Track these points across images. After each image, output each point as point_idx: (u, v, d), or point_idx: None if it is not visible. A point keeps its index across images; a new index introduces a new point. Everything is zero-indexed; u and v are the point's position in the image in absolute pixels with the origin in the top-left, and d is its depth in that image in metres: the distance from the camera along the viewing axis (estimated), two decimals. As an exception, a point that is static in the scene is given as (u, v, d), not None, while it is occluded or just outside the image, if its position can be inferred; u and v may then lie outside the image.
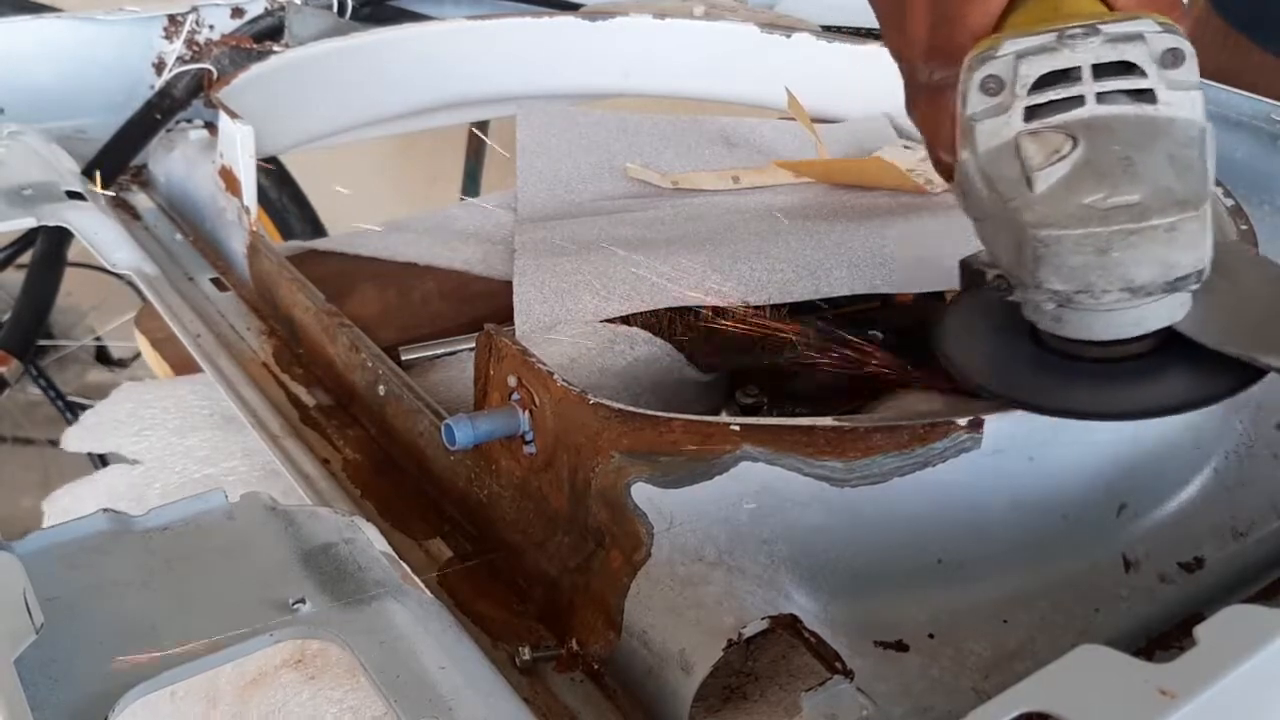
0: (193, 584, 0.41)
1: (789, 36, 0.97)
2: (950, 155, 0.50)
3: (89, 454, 0.74)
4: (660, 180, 0.86)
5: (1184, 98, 0.46)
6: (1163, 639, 0.48)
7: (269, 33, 0.94)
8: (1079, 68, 0.46)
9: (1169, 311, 0.46)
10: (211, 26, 0.93)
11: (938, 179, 0.81)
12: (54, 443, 1.62)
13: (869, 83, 0.95)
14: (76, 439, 0.69)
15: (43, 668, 0.36)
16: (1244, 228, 0.62)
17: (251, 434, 0.60)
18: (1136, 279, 0.44)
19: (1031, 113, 0.46)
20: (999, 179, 0.46)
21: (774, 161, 0.87)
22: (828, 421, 0.47)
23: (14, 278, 0.85)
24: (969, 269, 0.55)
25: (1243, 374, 0.46)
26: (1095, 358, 0.47)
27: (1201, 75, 0.47)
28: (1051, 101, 0.46)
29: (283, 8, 0.95)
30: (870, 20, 0.62)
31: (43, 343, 1.43)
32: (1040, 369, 0.48)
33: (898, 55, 0.54)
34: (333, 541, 0.44)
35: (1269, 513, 0.54)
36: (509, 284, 0.68)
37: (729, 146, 0.93)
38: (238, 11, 0.95)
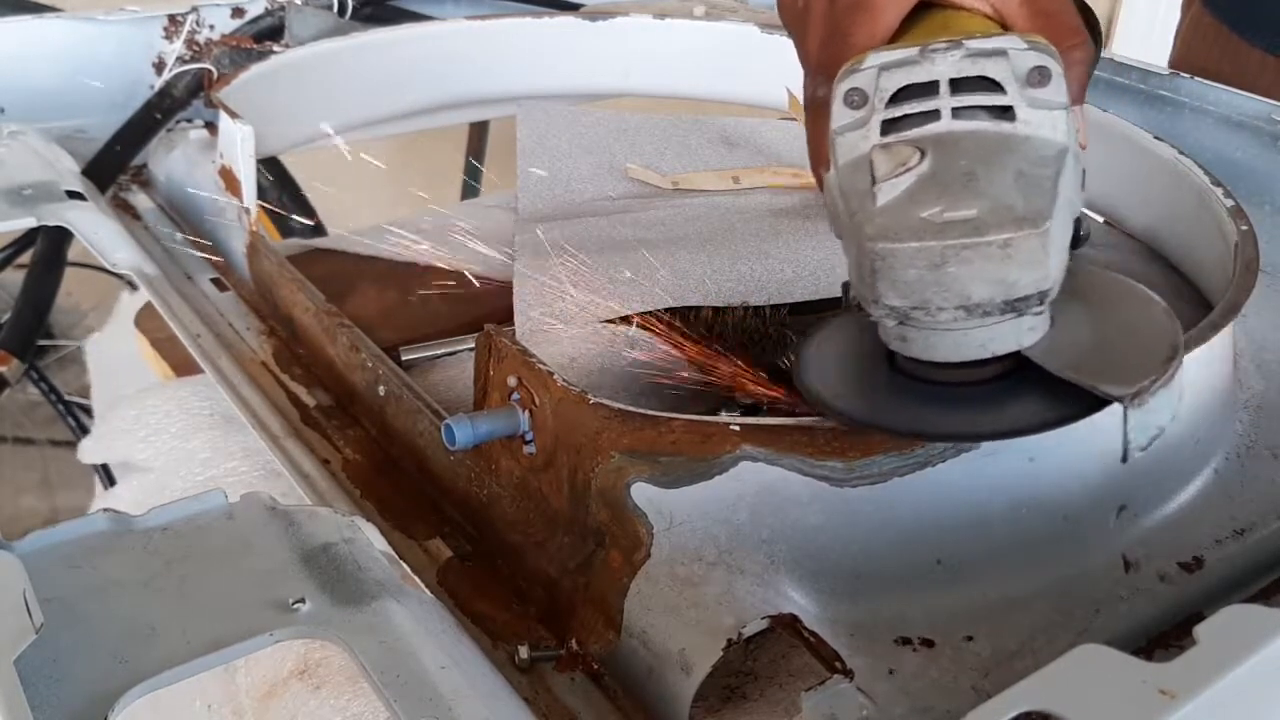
0: (193, 584, 0.41)
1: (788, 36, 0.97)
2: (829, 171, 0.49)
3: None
4: (660, 181, 0.86)
5: (1045, 116, 0.44)
6: (1162, 639, 0.48)
7: (269, 33, 0.94)
8: (937, 82, 0.45)
9: (1016, 336, 0.44)
10: (211, 26, 0.93)
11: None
12: (54, 443, 1.62)
13: (869, 83, 0.95)
14: (90, 451, 0.69)
15: (42, 667, 0.36)
16: (1244, 228, 0.62)
17: (252, 434, 0.60)
18: (973, 296, 0.42)
19: (888, 126, 0.45)
20: (850, 193, 0.44)
21: (771, 170, 0.87)
22: (828, 422, 0.47)
23: (14, 278, 0.85)
24: (847, 290, 0.51)
25: (1086, 402, 0.43)
26: (944, 380, 0.45)
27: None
28: (908, 115, 0.45)
29: (283, 8, 0.95)
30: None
31: (43, 343, 1.43)
32: (888, 390, 0.47)
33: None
34: (333, 541, 0.44)
35: (1269, 513, 0.54)
36: (509, 284, 0.68)
37: (729, 147, 0.93)
38: (238, 11, 0.95)
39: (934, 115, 0.44)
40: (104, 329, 0.83)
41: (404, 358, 0.64)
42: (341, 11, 0.98)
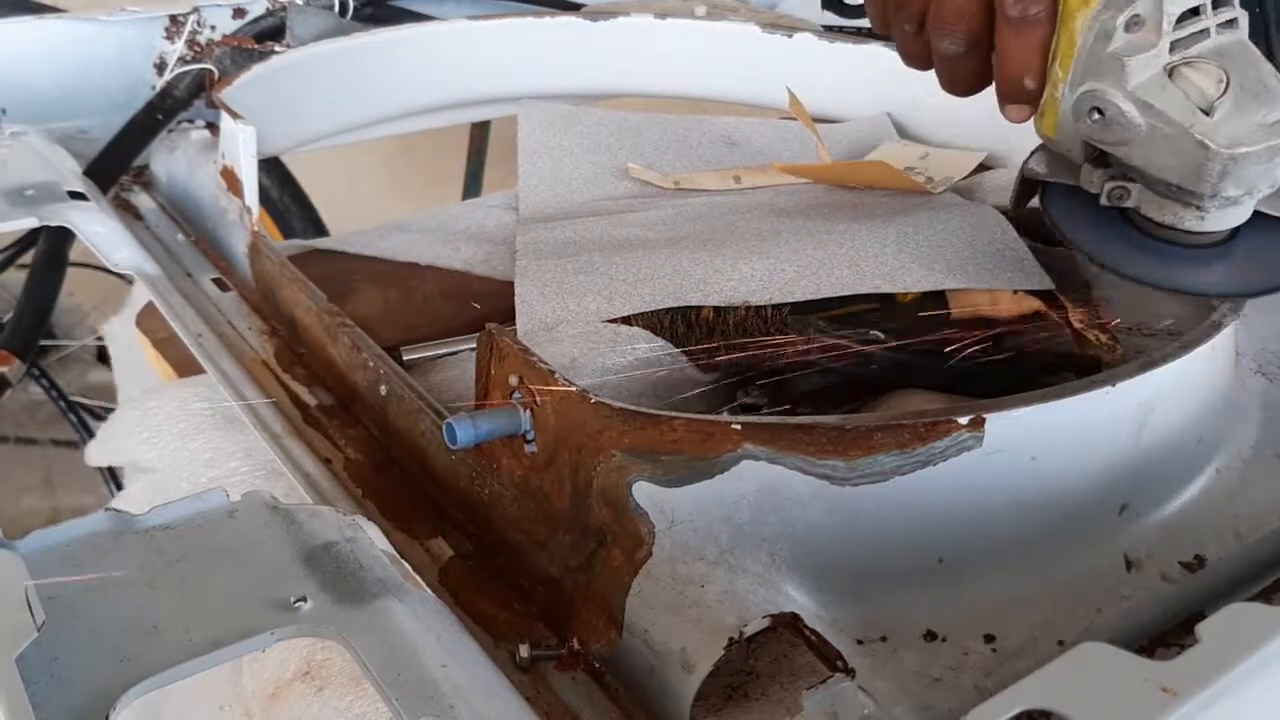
0: (194, 583, 0.41)
1: (790, 36, 0.97)
2: (1036, 82, 0.56)
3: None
4: (662, 180, 0.86)
5: (1245, 21, 0.54)
6: (1164, 638, 0.48)
7: (270, 33, 0.94)
8: (1203, 4, 0.53)
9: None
10: (213, 27, 0.93)
11: (938, 177, 0.82)
12: (56, 442, 1.62)
13: (869, 82, 0.95)
14: (96, 453, 0.69)
15: (44, 666, 0.36)
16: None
17: (253, 434, 0.60)
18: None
19: (1172, 46, 0.53)
20: (1165, 108, 0.52)
21: (775, 165, 0.87)
22: (829, 420, 0.47)
23: (16, 277, 0.85)
24: (1029, 181, 0.61)
25: None
26: (1197, 244, 0.56)
27: None
28: (1188, 35, 0.53)
29: (284, 8, 0.95)
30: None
31: (45, 343, 1.43)
32: (1171, 258, 0.56)
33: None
34: (334, 540, 0.44)
35: (1271, 513, 0.54)
36: (510, 284, 0.69)
37: (730, 146, 0.93)
38: (239, 12, 0.95)
39: (1204, 34, 0.53)
40: (120, 314, 0.83)
41: (405, 358, 0.64)
42: (342, 12, 0.98)
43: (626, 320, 0.63)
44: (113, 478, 1.26)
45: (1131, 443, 0.51)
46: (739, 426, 0.46)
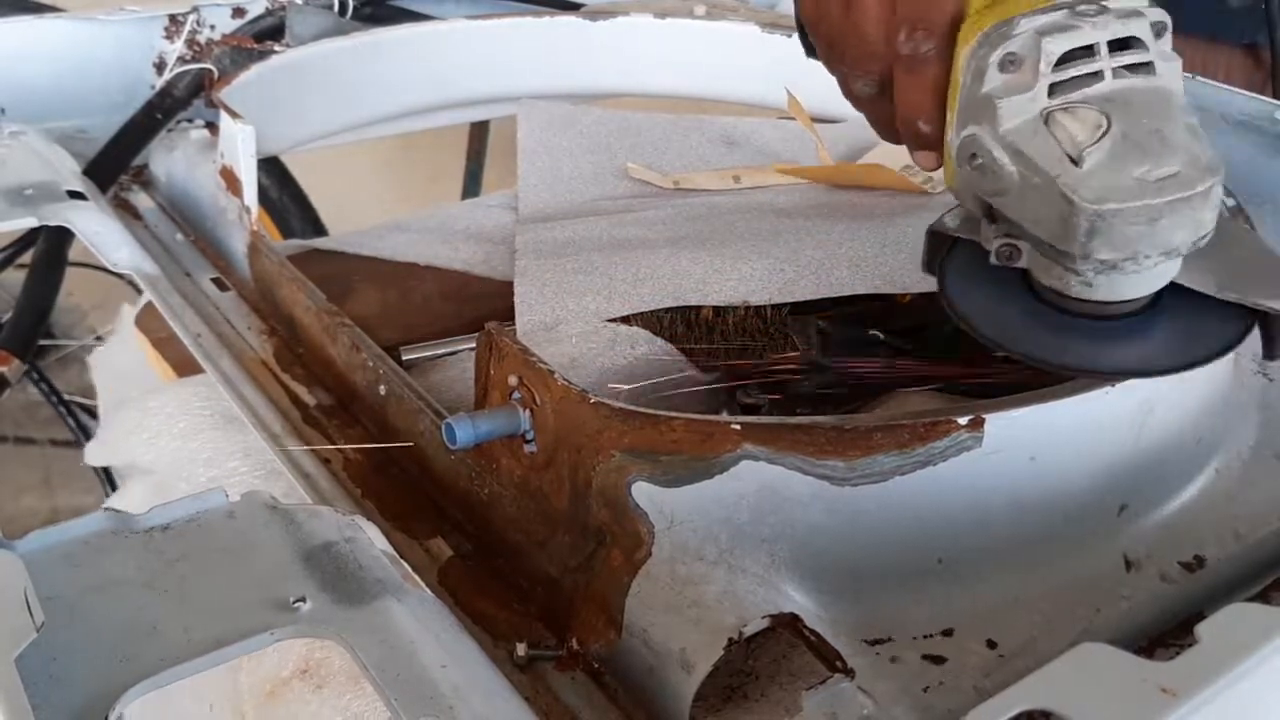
0: (193, 583, 0.41)
1: (790, 36, 0.97)
2: (931, 126, 0.52)
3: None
4: (661, 180, 0.86)
5: (1171, 68, 0.48)
6: (1163, 638, 0.48)
7: (270, 32, 0.94)
8: (1096, 44, 0.47)
9: (1173, 268, 0.49)
10: (212, 26, 0.93)
11: (938, 175, 0.81)
12: (55, 442, 1.62)
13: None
14: (97, 454, 0.69)
15: (43, 666, 0.36)
16: (1246, 228, 0.62)
17: (252, 434, 0.60)
18: (1174, 242, 0.46)
19: (1054, 89, 0.47)
20: (1034, 155, 0.47)
21: (775, 167, 0.87)
22: (828, 421, 0.47)
23: (15, 277, 0.85)
24: (938, 236, 0.55)
25: (1246, 318, 0.49)
26: (1105, 315, 0.49)
27: None
28: (1073, 78, 0.47)
29: (283, 7, 0.95)
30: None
31: (44, 342, 1.43)
32: (1069, 331, 0.50)
33: (845, 31, 0.53)
34: (333, 540, 0.43)
35: (1270, 513, 0.54)
36: (510, 284, 0.69)
37: (730, 146, 0.93)
38: (239, 11, 0.95)
39: (1096, 76, 0.47)
40: (108, 341, 0.83)
41: (404, 357, 0.64)
42: (342, 11, 0.98)
43: (626, 320, 0.63)
44: (109, 478, 1.26)
45: (1131, 443, 0.51)
46: (738, 427, 0.46)
